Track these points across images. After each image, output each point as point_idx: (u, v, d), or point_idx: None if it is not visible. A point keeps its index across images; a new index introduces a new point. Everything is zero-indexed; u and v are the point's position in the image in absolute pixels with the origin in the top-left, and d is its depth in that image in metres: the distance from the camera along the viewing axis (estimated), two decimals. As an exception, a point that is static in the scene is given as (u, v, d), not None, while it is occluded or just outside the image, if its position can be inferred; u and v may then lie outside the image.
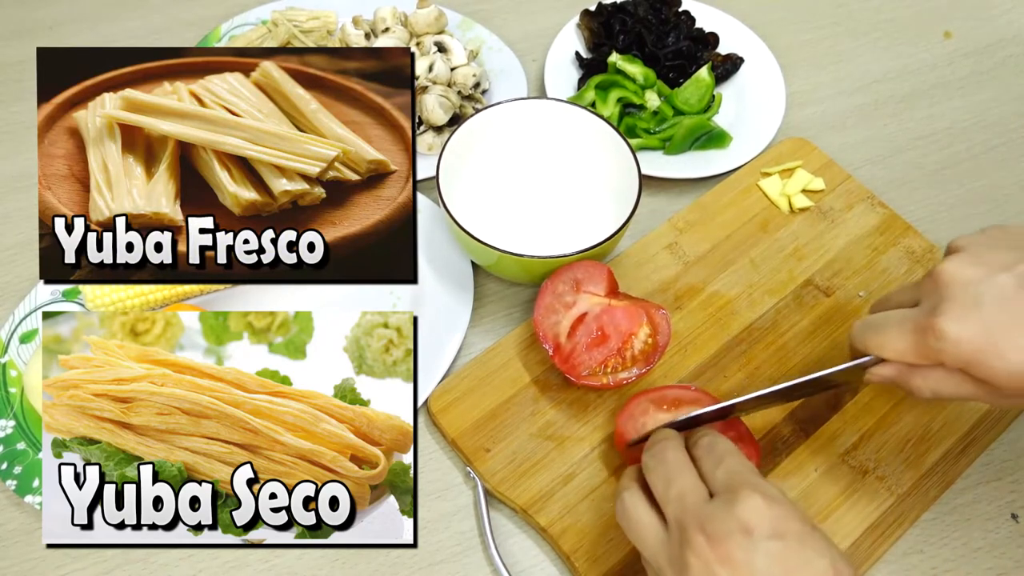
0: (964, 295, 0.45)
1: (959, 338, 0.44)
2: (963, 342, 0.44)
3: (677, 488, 0.45)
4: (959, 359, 0.45)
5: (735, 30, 0.86)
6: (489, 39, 0.85)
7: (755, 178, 0.75)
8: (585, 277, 0.62)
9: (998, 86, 0.87)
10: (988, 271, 0.45)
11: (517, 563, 0.59)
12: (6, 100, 0.83)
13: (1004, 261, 0.45)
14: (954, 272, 0.46)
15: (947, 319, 0.44)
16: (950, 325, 0.44)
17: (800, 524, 0.42)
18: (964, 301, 0.44)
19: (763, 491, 0.42)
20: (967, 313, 0.44)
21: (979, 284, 0.45)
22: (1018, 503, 0.61)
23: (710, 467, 0.46)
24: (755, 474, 0.45)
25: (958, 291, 0.45)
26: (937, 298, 0.46)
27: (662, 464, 0.47)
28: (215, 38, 0.84)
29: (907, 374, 0.48)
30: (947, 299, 0.45)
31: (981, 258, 0.46)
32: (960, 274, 0.45)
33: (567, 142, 0.71)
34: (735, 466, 0.45)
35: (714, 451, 0.47)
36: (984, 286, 0.44)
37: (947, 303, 0.45)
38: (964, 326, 0.44)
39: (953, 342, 0.44)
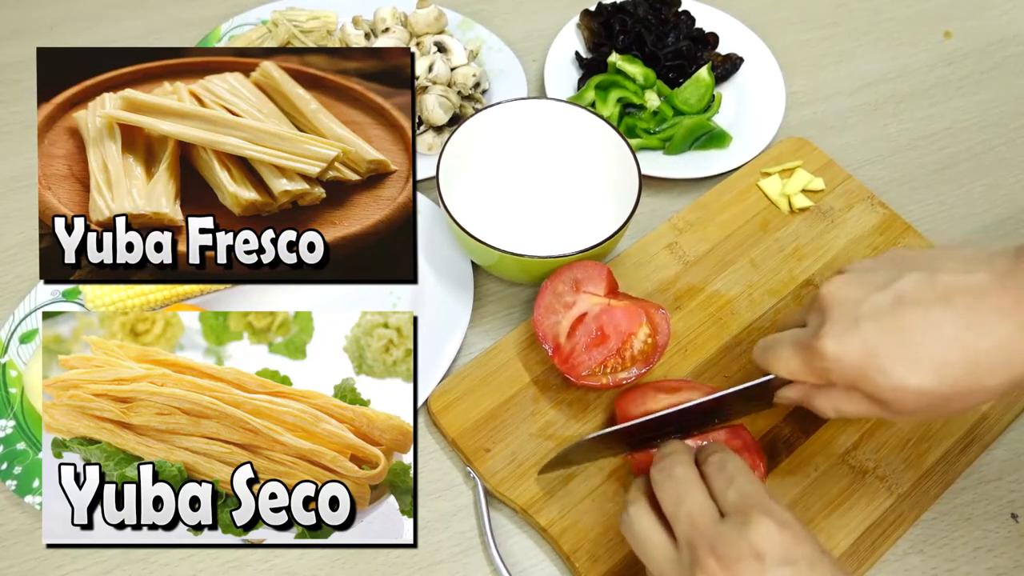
0: (843, 314, 0.46)
1: (839, 356, 0.45)
2: (844, 360, 0.45)
3: (687, 507, 0.45)
4: (844, 377, 0.46)
5: (735, 30, 0.86)
6: (489, 39, 0.85)
7: (755, 178, 0.75)
8: (585, 277, 0.62)
9: (998, 86, 0.87)
10: (865, 291, 0.46)
11: (517, 563, 0.59)
12: (6, 100, 0.83)
13: (881, 281, 0.46)
14: (834, 293, 0.47)
15: (827, 339, 0.46)
16: (829, 344, 0.45)
17: (811, 548, 0.43)
18: (843, 320, 0.46)
19: (774, 515, 0.43)
20: (846, 332, 0.45)
21: (856, 304, 0.46)
22: (1018, 503, 0.61)
23: (721, 486, 0.46)
24: (766, 496, 0.45)
25: (837, 311, 0.46)
26: (820, 318, 0.47)
27: (670, 480, 0.47)
28: (215, 38, 0.84)
29: (810, 396, 0.50)
30: (828, 319, 0.46)
31: (861, 279, 0.47)
32: (839, 294, 0.47)
33: (567, 142, 0.71)
34: (746, 487, 0.45)
35: (725, 469, 0.47)
36: (861, 305, 0.45)
37: (828, 323, 0.46)
38: (843, 345, 0.45)
39: (834, 360, 0.45)
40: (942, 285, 0.44)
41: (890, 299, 0.45)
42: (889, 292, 0.45)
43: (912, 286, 0.45)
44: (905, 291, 0.45)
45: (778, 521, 0.42)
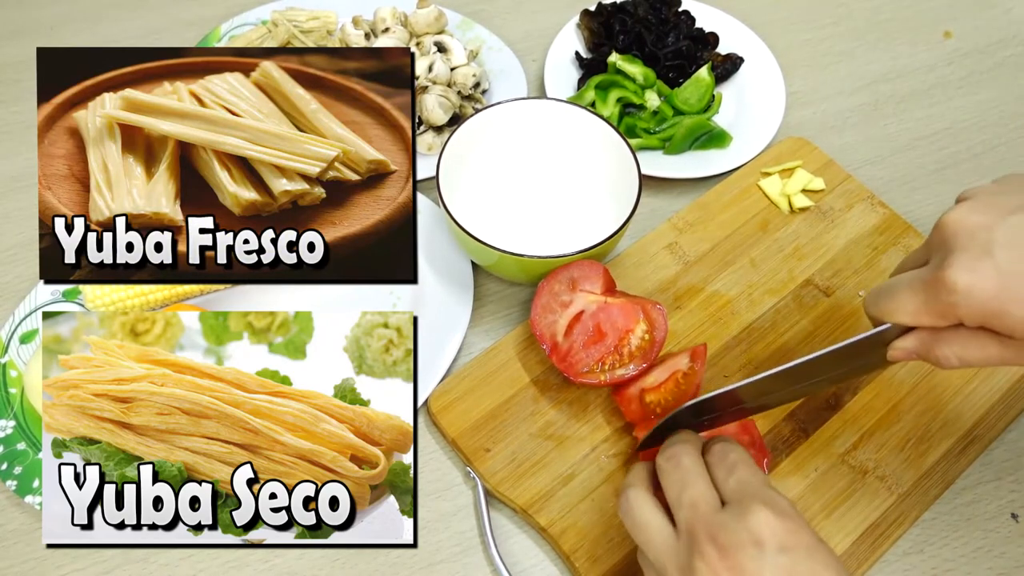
0: (973, 242, 0.41)
1: (971, 288, 0.41)
2: (976, 292, 0.41)
3: (690, 495, 0.45)
4: (976, 313, 0.41)
5: (735, 30, 0.86)
6: (489, 39, 0.85)
7: (755, 178, 0.75)
8: (581, 276, 0.62)
9: (998, 86, 0.87)
10: (998, 215, 0.42)
11: (517, 563, 0.59)
12: (6, 100, 0.83)
13: (1015, 203, 0.42)
14: (960, 219, 0.43)
15: (956, 270, 0.41)
16: (960, 275, 0.41)
17: (809, 537, 0.42)
18: (973, 249, 0.41)
19: (773, 504, 0.43)
20: (978, 261, 0.41)
21: (989, 229, 0.41)
22: (1018, 503, 0.61)
23: (722, 475, 0.46)
24: (766, 485, 0.45)
25: (966, 239, 0.42)
26: (945, 250, 0.43)
27: (677, 469, 0.47)
28: (215, 38, 0.84)
29: (929, 344, 0.45)
30: (955, 249, 0.42)
31: (989, 203, 0.43)
32: (967, 221, 0.42)
33: (567, 142, 0.71)
34: (746, 476, 0.45)
35: (726, 458, 0.46)
36: (995, 231, 0.41)
37: (955, 254, 0.42)
38: (976, 275, 0.41)
39: (965, 293, 0.41)
40: None
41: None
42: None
43: None
44: None
45: (776, 510, 0.42)
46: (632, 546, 0.57)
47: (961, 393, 0.64)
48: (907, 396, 0.63)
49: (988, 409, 0.63)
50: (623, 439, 0.61)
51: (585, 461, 0.60)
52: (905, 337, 0.46)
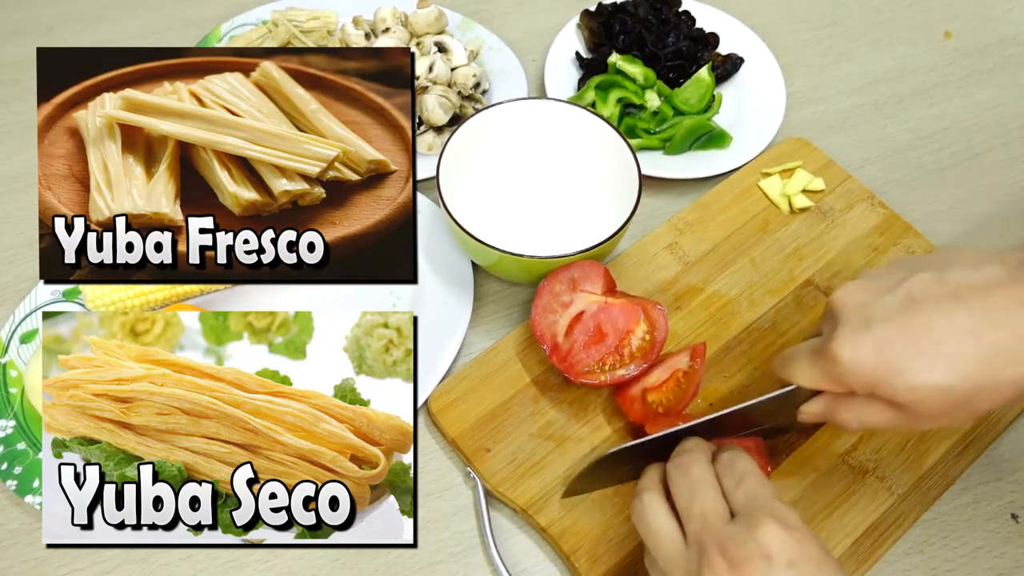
0: (854, 318, 0.46)
1: (854, 359, 0.45)
2: (859, 363, 0.45)
3: (700, 506, 0.46)
4: (861, 382, 0.45)
5: (735, 30, 0.86)
6: (489, 39, 0.85)
7: (755, 178, 0.75)
8: (582, 276, 0.62)
9: (998, 86, 0.87)
10: (875, 294, 0.46)
11: (517, 563, 0.59)
12: (6, 100, 0.83)
13: (889, 283, 0.46)
14: (844, 298, 0.47)
15: (839, 343, 0.45)
16: (843, 348, 0.45)
17: (816, 551, 0.43)
18: (854, 324, 0.45)
19: (781, 517, 0.44)
20: (858, 335, 0.45)
21: (867, 307, 0.46)
22: (1018, 503, 0.61)
23: (731, 485, 0.47)
24: (774, 497, 0.46)
25: (849, 315, 0.46)
26: (833, 324, 0.47)
27: (687, 478, 0.48)
28: (215, 38, 0.84)
29: (833, 408, 0.49)
30: (839, 324, 0.46)
31: (869, 284, 0.47)
32: (849, 299, 0.47)
33: (567, 142, 0.71)
34: (755, 488, 0.46)
35: (734, 468, 0.48)
36: (871, 308, 0.45)
37: (840, 328, 0.46)
38: (857, 348, 0.45)
39: (849, 365, 0.45)
40: (952, 282, 0.44)
41: (900, 299, 0.45)
42: (899, 293, 0.45)
43: (922, 285, 0.45)
44: (915, 291, 0.45)
45: (785, 524, 0.43)
46: (632, 547, 0.57)
47: (961, 393, 0.64)
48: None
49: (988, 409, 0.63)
50: (623, 439, 0.61)
51: (585, 461, 0.60)
52: (812, 402, 0.51)
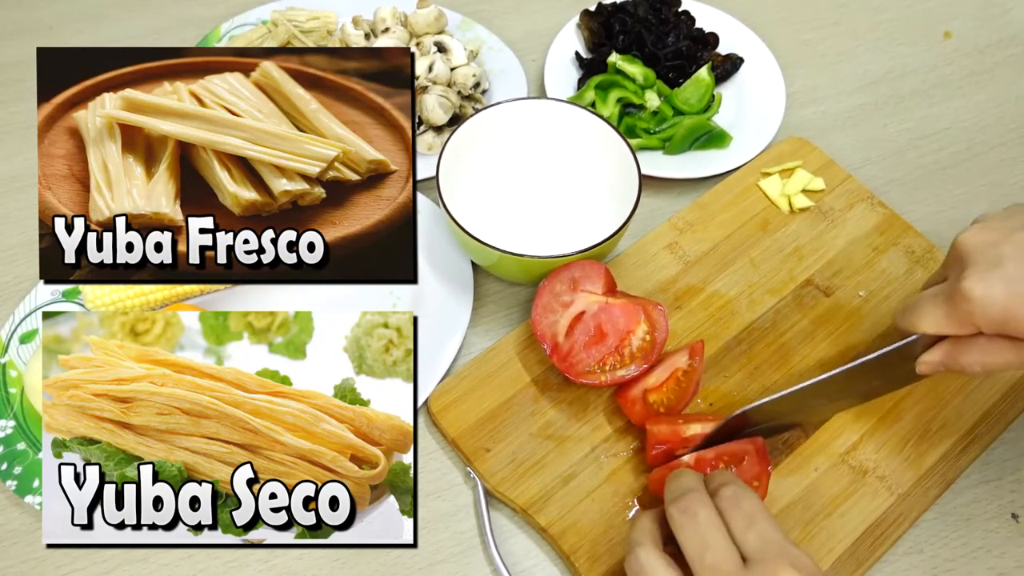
0: (984, 257, 0.47)
1: (986, 298, 0.45)
2: (991, 301, 0.45)
3: (712, 557, 0.44)
4: (992, 320, 0.46)
5: (735, 30, 0.86)
6: (489, 39, 0.85)
7: (755, 178, 0.75)
8: (582, 276, 0.62)
9: (998, 86, 0.87)
10: (1005, 233, 0.47)
11: (517, 563, 0.59)
12: (6, 100, 0.83)
13: (1016, 223, 0.47)
14: (971, 238, 0.48)
15: (971, 282, 0.46)
16: (975, 286, 0.46)
17: None
18: (985, 263, 0.46)
19: (798, 563, 0.43)
20: (989, 273, 0.46)
21: (997, 245, 0.47)
22: (1018, 503, 0.61)
23: (740, 528, 0.45)
24: (786, 540, 0.45)
25: (977, 255, 0.47)
26: (961, 266, 0.48)
27: (693, 523, 0.46)
28: (215, 38, 0.84)
29: (954, 354, 0.49)
30: (969, 264, 0.47)
31: (998, 224, 0.48)
32: (977, 239, 0.48)
33: (567, 142, 0.71)
34: (766, 531, 0.45)
35: (741, 508, 0.46)
36: (1002, 246, 0.46)
37: (969, 268, 0.47)
38: (989, 285, 0.45)
39: (980, 303, 0.46)
40: None
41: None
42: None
43: None
44: None
45: (801, 569, 0.43)
46: (632, 546, 0.57)
47: (961, 393, 0.64)
48: (907, 396, 0.63)
49: (988, 409, 0.63)
50: (623, 439, 0.61)
51: (585, 461, 0.60)
52: (932, 350, 0.51)
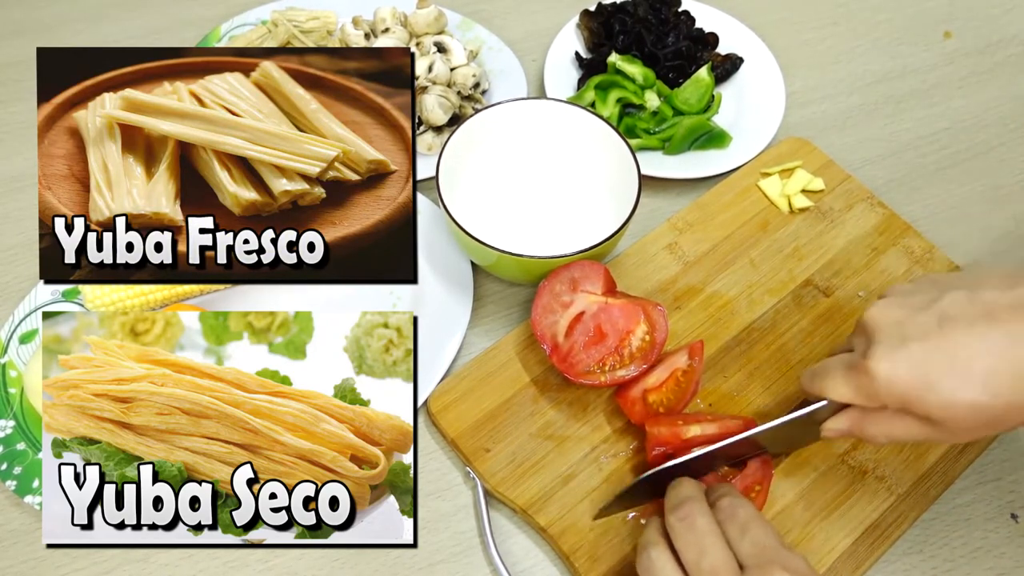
0: (890, 336, 0.47)
1: (890, 376, 0.46)
2: (895, 380, 0.45)
3: (709, 561, 0.46)
4: (895, 397, 0.46)
5: (735, 30, 0.86)
6: (489, 39, 0.85)
7: (755, 178, 0.75)
8: (582, 276, 0.62)
9: (998, 86, 0.87)
10: (909, 311, 0.47)
11: (517, 563, 0.59)
12: (6, 100, 0.83)
13: (922, 302, 0.47)
14: (878, 315, 0.48)
15: (876, 360, 0.46)
16: (880, 365, 0.46)
17: None
18: (891, 341, 0.46)
19: (790, 566, 0.45)
20: (894, 352, 0.46)
21: (902, 324, 0.47)
22: (1018, 503, 0.61)
23: (736, 535, 0.47)
24: (780, 545, 0.47)
25: (884, 332, 0.47)
26: (867, 341, 0.48)
27: (692, 531, 0.48)
28: (215, 38, 0.84)
29: (860, 424, 0.50)
30: (876, 341, 0.47)
31: (902, 302, 0.48)
32: (883, 317, 0.48)
33: (567, 142, 0.71)
34: (761, 537, 0.47)
35: (737, 517, 0.48)
36: (906, 326, 0.46)
37: (876, 345, 0.47)
38: (893, 364, 0.46)
39: (885, 381, 0.46)
40: (983, 302, 0.45)
41: (934, 319, 0.46)
42: (933, 312, 0.46)
43: (955, 305, 0.46)
44: (948, 310, 0.46)
45: (794, 572, 0.44)
46: (632, 547, 0.57)
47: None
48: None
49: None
50: (623, 439, 0.61)
51: (585, 461, 0.60)
52: (837, 418, 0.51)
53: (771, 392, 0.64)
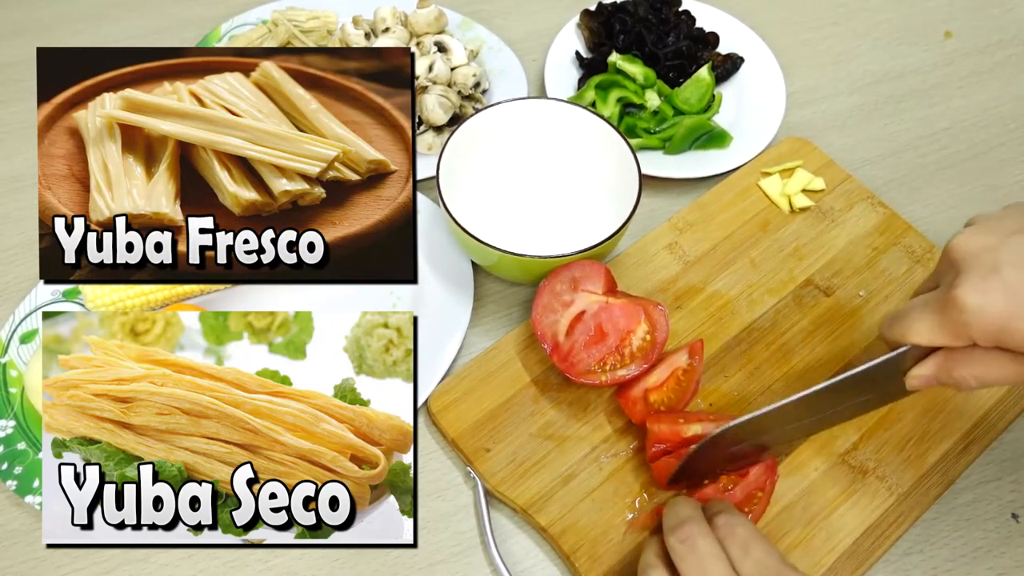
0: (979, 263, 0.43)
1: (981, 307, 0.42)
2: (987, 310, 0.42)
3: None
4: (988, 331, 0.42)
5: (735, 30, 0.86)
6: (489, 39, 0.85)
7: (755, 178, 0.75)
8: (583, 276, 0.62)
9: (999, 86, 0.87)
10: (1002, 236, 0.43)
11: (517, 563, 0.59)
12: (6, 100, 0.83)
13: (1017, 225, 0.43)
14: (965, 243, 0.44)
15: (965, 289, 0.42)
16: (969, 295, 0.42)
17: None
18: (980, 269, 0.42)
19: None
20: (985, 280, 0.42)
21: (994, 250, 0.43)
22: (1018, 503, 0.61)
23: (738, 555, 0.46)
24: (782, 563, 0.46)
25: (973, 260, 0.43)
26: (955, 272, 0.44)
27: (693, 552, 0.47)
28: (215, 38, 0.84)
29: (947, 367, 0.46)
30: (963, 271, 0.43)
31: (993, 226, 0.44)
32: (972, 243, 0.44)
33: (567, 142, 0.71)
34: (762, 556, 0.46)
35: (735, 534, 0.47)
36: (999, 252, 0.42)
37: (964, 274, 0.43)
38: (985, 294, 0.42)
39: (975, 312, 0.42)
40: None
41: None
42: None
43: None
44: None
45: None
46: (632, 547, 0.57)
47: (961, 393, 0.64)
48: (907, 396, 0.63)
49: (988, 409, 0.63)
50: (623, 439, 0.61)
51: (585, 461, 0.60)
52: (923, 364, 0.47)
53: (771, 392, 0.64)
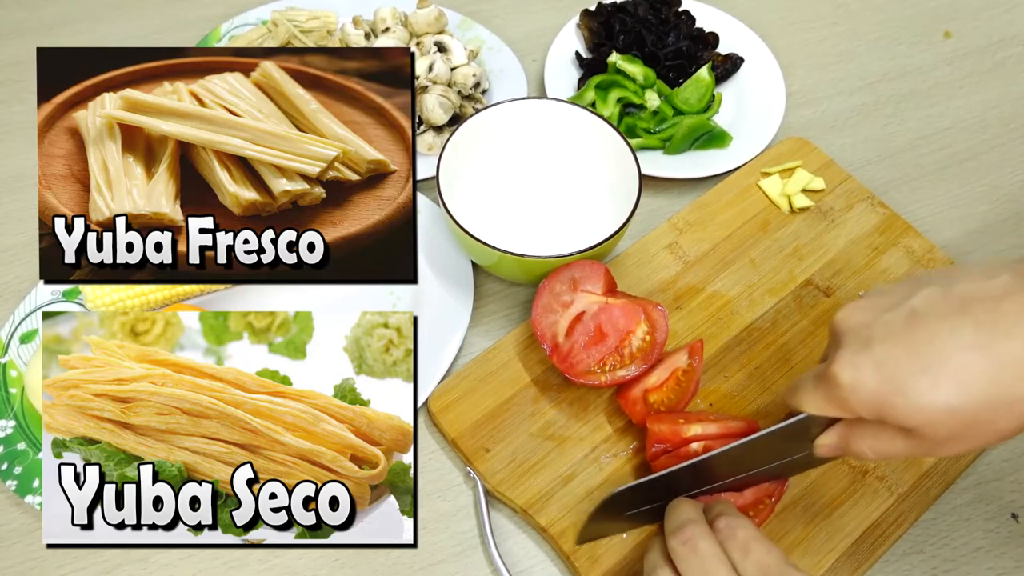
0: (855, 338, 0.44)
1: (854, 383, 0.43)
2: (859, 387, 0.43)
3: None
4: (866, 406, 0.43)
5: (735, 30, 0.86)
6: (489, 39, 0.85)
7: (755, 178, 0.75)
8: (582, 276, 0.62)
9: (999, 86, 0.87)
10: (877, 312, 0.44)
11: (517, 563, 0.59)
12: (6, 100, 0.83)
13: (893, 301, 0.44)
14: (845, 318, 0.46)
15: (840, 365, 0.43)
16: (843, 371, 0.43)
17: None
18: (854, 344, 0.44)
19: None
20: (858, 356, 0.43)
21: (868, 326, 0.44)
22: (1018, 503, 0.61)
23: (739, 557, 0.46)
24: (784, 563, 0.46)
25: (850, 336, 0.44)
26: (835, 347, 0.45)
27: (695, 555, 0.47)
28: (215, 38, 0.84)
29: (847, 438, 0.47)
30: (841, 346, 0.44)
31: (872, 302, 0.45)
32: (851, 319, 0.45)
33: (567, 142, 0.71)
34: (763, 557, 0.46)
35: (736, 536, 0.47)
36: (872, 327, 0.43)
37: (841, 350, 0.44)
38: (857, 369, 0.43)
39: (850, 388, 0.43)
40: (958, 295, 0.42)
41: (903, 316, 0.43)
42: (902, 310, 0.43)
43: (926, 300, 0.42)
44: (919, 306, 0.42)
45: None
46: (632, 547, 0.57)
47: (961, 393, 0.64)
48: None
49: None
50: (623, 439, 0.61)
51: (585, 461, 0.60)
52: (828, 432, 0.49)
53: (771, 392, 0.64)
